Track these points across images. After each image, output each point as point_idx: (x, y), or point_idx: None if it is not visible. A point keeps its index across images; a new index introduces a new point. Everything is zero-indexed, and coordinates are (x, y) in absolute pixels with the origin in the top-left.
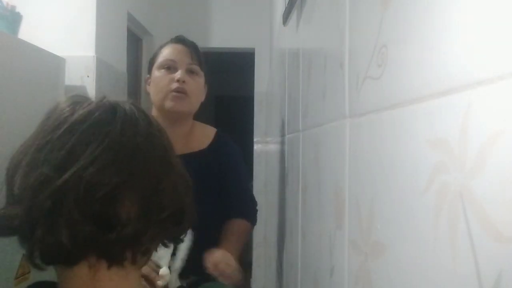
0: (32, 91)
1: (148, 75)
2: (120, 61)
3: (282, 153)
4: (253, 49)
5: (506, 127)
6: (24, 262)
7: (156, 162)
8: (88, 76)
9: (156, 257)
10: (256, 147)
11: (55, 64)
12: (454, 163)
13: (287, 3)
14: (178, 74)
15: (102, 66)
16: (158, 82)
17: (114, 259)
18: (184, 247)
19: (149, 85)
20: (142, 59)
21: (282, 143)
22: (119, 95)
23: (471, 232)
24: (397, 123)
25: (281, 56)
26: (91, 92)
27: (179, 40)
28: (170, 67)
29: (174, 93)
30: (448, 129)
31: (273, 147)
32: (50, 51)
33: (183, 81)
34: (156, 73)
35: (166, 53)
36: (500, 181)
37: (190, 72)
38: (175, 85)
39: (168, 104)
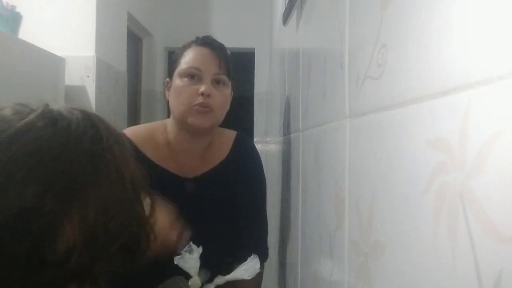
0: (32, 91)
1: (168, 79)
2: (120, 61)
3: (282, 153)
4: (253, 49)
5: (506, 127)
6: None
7: (102, 185)
8: (88, 76)
9: (185, 268)
10: (256, 147)
11: (55, 64)
12: (454, 163)
13: (287, 3)
14: (202, 88)
15: (102, 66)
16: (180, 93)
17: None
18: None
19: (168, 90)
20: (142, 59)
21: (282, 143)
22: (119, 95)
23: (471, 232)
24: (397, 123)
25: (281, 56)
26: (91, 92)
27: (206, 42)
28: (194, 76)
29: (197, 108)
30: (448, 129)
31: (273, 147)
32: (50, 51)
33: (208, 95)
34: (178, 81)
35: (190, 58)
36: (500, 181)
37: (216, 83)
38: (199, 100)
39: (191, 120)
